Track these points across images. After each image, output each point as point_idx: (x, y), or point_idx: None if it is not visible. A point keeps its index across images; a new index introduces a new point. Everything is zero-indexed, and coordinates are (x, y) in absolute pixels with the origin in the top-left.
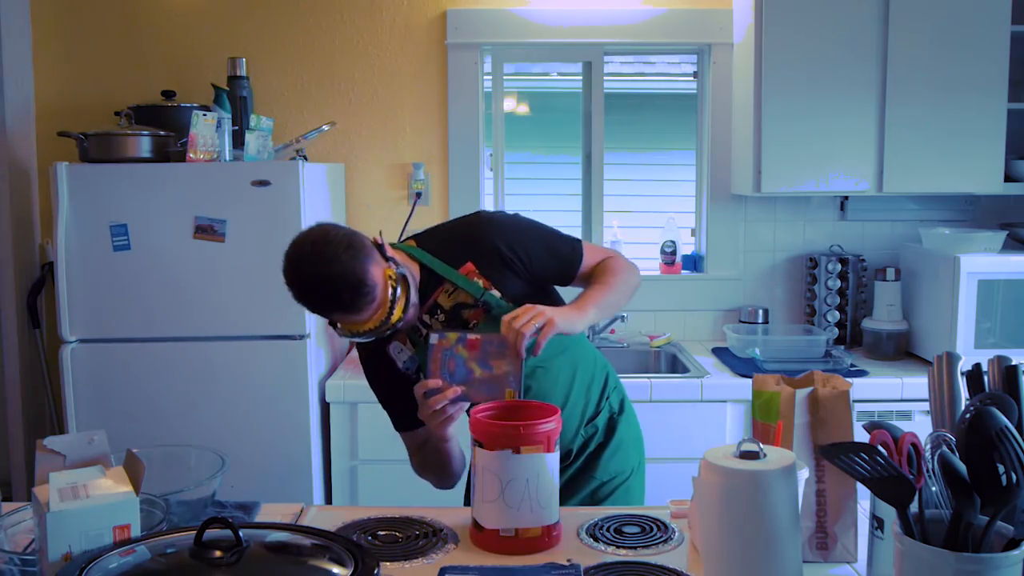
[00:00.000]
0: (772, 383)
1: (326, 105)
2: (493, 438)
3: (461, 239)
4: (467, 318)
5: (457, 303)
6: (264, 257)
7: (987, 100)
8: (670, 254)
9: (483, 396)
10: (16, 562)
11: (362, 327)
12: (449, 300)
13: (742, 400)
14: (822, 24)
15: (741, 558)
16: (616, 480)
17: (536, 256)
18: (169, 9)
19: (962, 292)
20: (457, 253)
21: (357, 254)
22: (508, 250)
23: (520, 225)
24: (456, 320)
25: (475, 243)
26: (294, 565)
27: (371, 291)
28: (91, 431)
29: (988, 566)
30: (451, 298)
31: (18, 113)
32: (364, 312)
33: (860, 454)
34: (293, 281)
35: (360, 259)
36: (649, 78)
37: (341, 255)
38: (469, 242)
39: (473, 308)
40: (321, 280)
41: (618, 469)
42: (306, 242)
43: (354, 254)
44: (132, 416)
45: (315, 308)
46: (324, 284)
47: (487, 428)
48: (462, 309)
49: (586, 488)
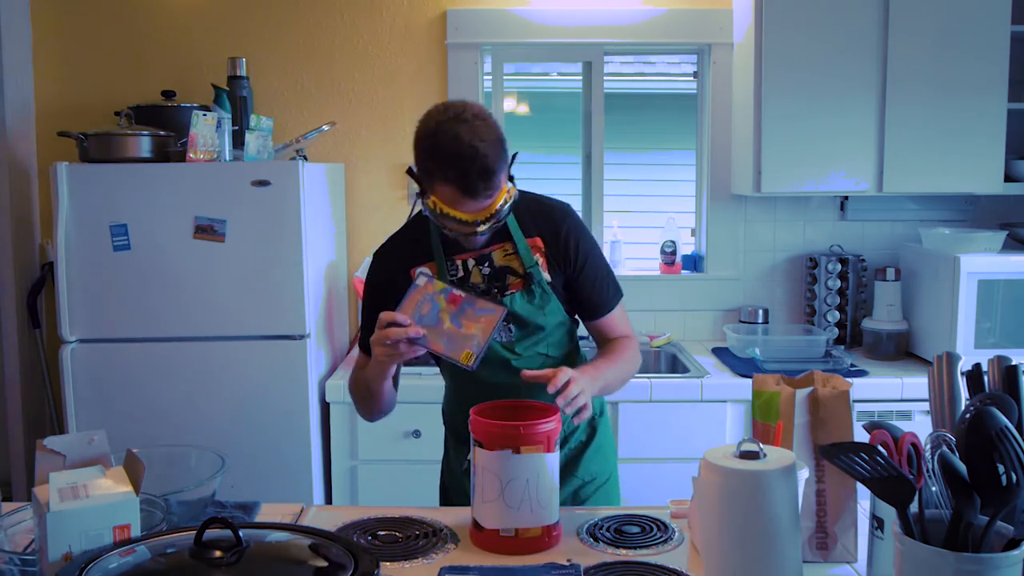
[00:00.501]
0: (772, 383)
1: (326, 105)
2: (493, 438)
3: (543, 214)
4: (509, 284)
5: (507, 265)
6: (264, 257)
7: (987, 100)
8: (670, 254)
9: (441, 348)
10: (16, 562)
11: (461, 212)
12: (503, 259)
13: (742, 400)
14: (822, 24)
15: (741, 558)
16: (597, 481)
17: (588, 274)
18: (169, 9)
19: (962, 292)
20: (533, 224)
21: (503, 151)
22: (574, 249)
23: (594, 241)
24: (498, 280)
25: (553, 225)
26: (294, 565)
27: (495, 186)
28: (91, 431)
29: (988, 566)
30: (505, 258)
31: (18, 113)
32: (477, 198)
33: (860, 454)
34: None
35: (503, 156)
36: (649, 78)
37: (494, 141)
38: (549, 221)
39: (518, 278)
40: (469, 145)
41: (598, 471)
42: (470, 111)
43: (502, 149)
44: (132, 416)
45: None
46: (469, 150)
47: (487, 428)
48: (508, 273)
49: (568, 487)
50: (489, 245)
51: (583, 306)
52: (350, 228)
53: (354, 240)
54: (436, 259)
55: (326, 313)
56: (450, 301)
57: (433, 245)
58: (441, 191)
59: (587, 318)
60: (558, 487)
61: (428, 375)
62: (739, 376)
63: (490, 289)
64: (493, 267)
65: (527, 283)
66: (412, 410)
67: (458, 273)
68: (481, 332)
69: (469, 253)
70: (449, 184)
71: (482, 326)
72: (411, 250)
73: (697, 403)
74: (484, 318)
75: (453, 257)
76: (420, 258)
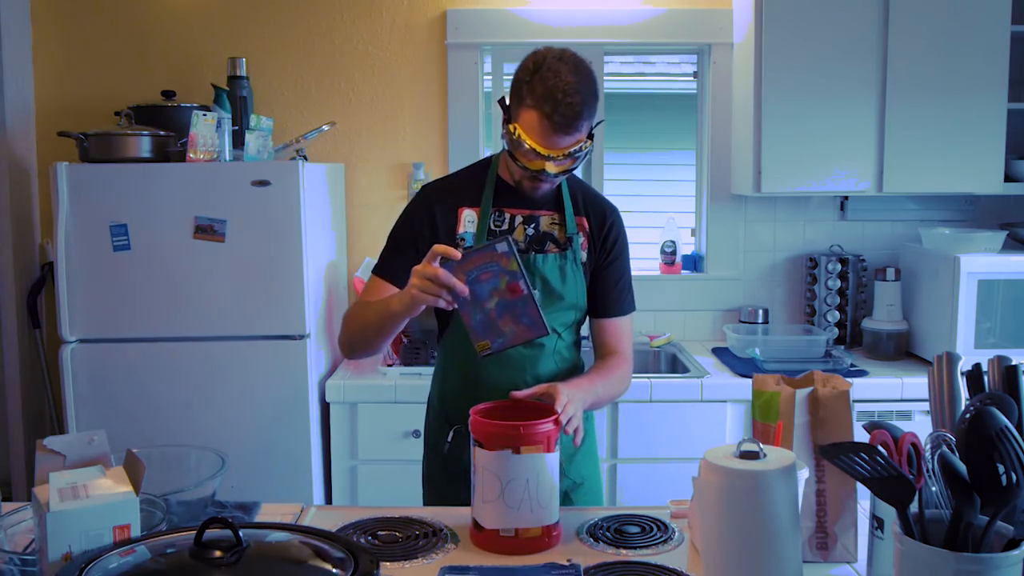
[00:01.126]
0: (772, 383)
1: (326, 105)
2: (493, 438)
3: (597, 201)
4: (547, 249)
5: (551, 232)
6: (264, 257)
7: (987, 100)
8: (670, 254)
9: (470, 320)
10: (16, 562)
11: (539, 144)
12: (548, 226)
13: (742, 400)
14: (822, 24)
15: (741, 558)
16: (587, 484)
17: (615, 271)
18: (169, 9)
19: (962, 292)
20: (585, 205)
21: (595, 102)
22: (612, 241)
23: (629, 248)
24: (539, 244)
25: (602, 212)
26: (294, 565)
27: (577, 128)
28: (91, 431)
29: (988, 566)
30: (551, 226)
31: (18, 113)
32: (558, 133)
33: (860, 454)
34: (549, 65)
35: (593, 107)
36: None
37: (590, 90)
38: (599, 208)
39: (557, 247)
40: (565, 82)
41: (588, 473)
42: (582, 62)
43: (594, 99)
44: (132, 416)
45: (535, 92)
46: (565, 85)
47: (487, 428)
48: (549, 240)
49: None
50: (540, 208)
51: (598, 300)
52: (350, 228)
53: (354, 240)
54: (483, 205)
55: (326, 313)
56: (510, 289)
57: (485, 194)
58: (527, 118)
59: (597, 314)
60: (558, 487)
61: (428, 375)
62: (739, 376)
63: (528, 249)
64: (537, 230)
65: (563, 252)
66: (412, 410)
67: (503, 225)
68: (512, 336)
69: (520, 210)
70: (536, 112)
71: (517, 332)
72: (462, 190)
73: (697, 403)
74: (523, 328)
75: (503, 209)
76: (469, 200)
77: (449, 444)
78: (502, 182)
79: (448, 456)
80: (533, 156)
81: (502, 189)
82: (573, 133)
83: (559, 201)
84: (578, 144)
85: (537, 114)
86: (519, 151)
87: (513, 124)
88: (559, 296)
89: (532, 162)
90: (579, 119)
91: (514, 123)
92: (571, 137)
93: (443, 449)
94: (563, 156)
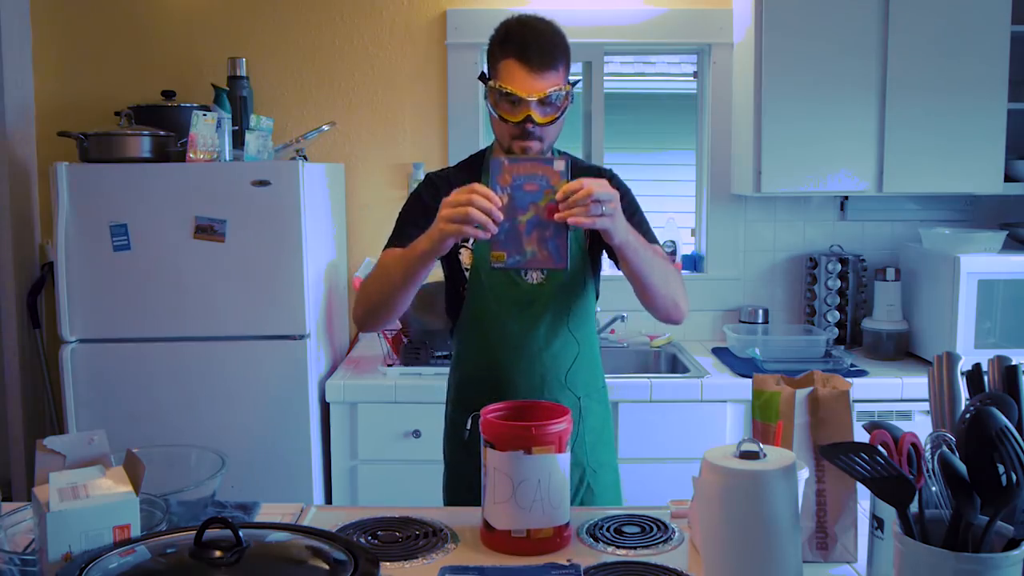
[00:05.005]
0: (772, 383)
1: (326, 105)
2: (504, 439)
3: (588, 168)
4: None
5: None
6: (264, 257)
7: (987, 100)
8: (670, 254)
9: (494, 228)
10: (16, 562)
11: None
12: None
13: (742, 400)
14: (822, 24)
15: (741, 558)
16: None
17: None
18: (169, 9)
19: (962, 292)
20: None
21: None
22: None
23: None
24: None
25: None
26: (294, 565)
27: (553, 65)
28: (91, 431)
29: (988, 566)
30: None
31: (18, 113)
32: (533, 67)
33: (860, 454)
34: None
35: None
36: (649, 78)
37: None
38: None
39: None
40: (534, 26)
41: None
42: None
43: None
44: (132, 416)
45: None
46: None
47: (498, 429)
48: None
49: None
50: None
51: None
52: (350, 228)
53: (354, 240)
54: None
55: (326, 313)
56: (548, 209)
57: (484, 176)
58: (504, 68)
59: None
60: (569, 487)
61: (428, 375)
62: (739, 376)
63: None
64: None
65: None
66: (412, 410)
67: None
68: (531, 257)
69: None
70: (510, 56)
71: (538, 255)
72: (464, 178)
73: (697, 403)
74: (546, 254)
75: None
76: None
77: (468, 432)
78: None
79: (469, 443)
80: (516, 105)
81: None
82: (549, 71)
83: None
84: (556, 86)
85: (512, 59)
86: (502, 107)
87: (492, 81)
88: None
89: (516, 113)
90: (553, 56)
91: (493, 80)
92: (547, 77)
93: (464, 436)
94: (544, 99)
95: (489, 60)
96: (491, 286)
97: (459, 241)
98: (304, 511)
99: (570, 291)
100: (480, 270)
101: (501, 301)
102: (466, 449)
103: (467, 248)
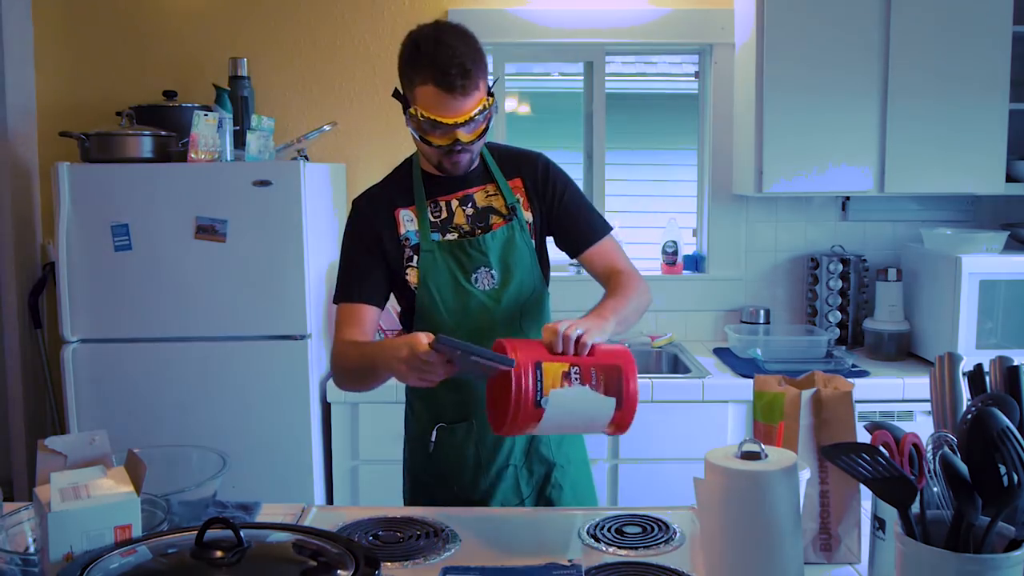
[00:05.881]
0: (774, 384)
1: (327, 105)
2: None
3: (522, 156)
4: (492, 223)
5: (489, 206)
6: (265, 257)
7: (989, 100)
8: (671, 254)
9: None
10: (17, 562)
11: (442, 115)
12: (484, 200)
13: (743, 400)
14: (823, 25)
15: (742, 558)
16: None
17: (569, 203)
18: (171, 9)
19: (964, 292)
20: (513, 166)
21: (481, 56)
22: (552, 182)
23: (572, 180)
24: (482, 221)
25: (531, 163)
26: (295, 565)
27: (472, 85)
28: (92, 431)
29: (989, 567)
30: (487, 199)
31: (20, 113)
32: (455, 94)
33: (862, 455)
34: (423, 36)
35: (481, 60)
36: (651, 78)
37: (472, 45)
38: (527, 161)
39: (501, 217)
40: (446, 44)
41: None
42: (448, 24)
43: (479, 54)
44: (133, 416)
45: (420, 65)
46: (447, 48)
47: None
48: (491, 213)
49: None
50: (471, 186)
51: (572, 237)
52: None
53: None
54: (417, 201)
55: (327, 313)
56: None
57: (415, 191)
58: (421, 94)
59: (581, 249)
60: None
61: None
62: (740, 376)
63: (473, 230)
64: (476, 208)
65: (508, 222)
66: None
67: (441, 215)
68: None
69: (452, 194)
70: (427, 83)
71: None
72: (393, 193)
73: (698, 403)
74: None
75: (436, 199)
76: (402, 201)
77: (433, 444)
78: (427, 175)
79: (433, 455)
80: (441, 130)
81: (429, 181)
82: (471, 92)
83: (488, 173)
84: (480, 104)
85: (430, 87)
86: (427, 132)
87: (412, 108)
88: (511, 272)
89: (443, 137)
90: (471, 77)
91: (413, 107)
92: (470, 98)
93: (429, 449)
94: (467, 120)
95: (403, 79)
96: (442, 299)
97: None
98: (305, 511)
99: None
100: (428, 283)
101: (452, 312)
102: (430, 459)
103: (413, 267)
